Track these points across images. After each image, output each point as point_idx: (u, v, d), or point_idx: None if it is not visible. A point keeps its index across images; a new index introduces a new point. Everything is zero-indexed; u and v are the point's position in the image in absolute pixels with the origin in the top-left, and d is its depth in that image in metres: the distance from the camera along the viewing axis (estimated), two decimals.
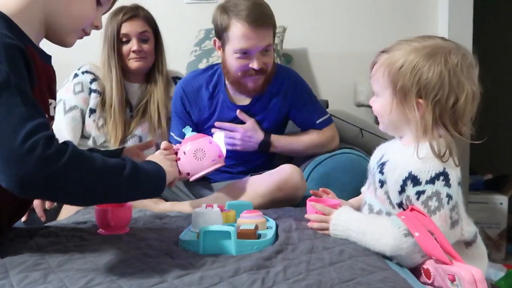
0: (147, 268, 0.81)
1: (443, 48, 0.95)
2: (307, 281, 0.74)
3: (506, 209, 2.27)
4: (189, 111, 1.65)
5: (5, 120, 0.72)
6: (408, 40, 0.99)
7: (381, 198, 1.01)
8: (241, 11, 1.46)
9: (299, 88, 1.68)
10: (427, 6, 2.35)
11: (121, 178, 0.81)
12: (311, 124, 1.67)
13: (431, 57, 0.94)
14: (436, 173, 0.91)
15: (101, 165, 0.78)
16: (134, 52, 1.71)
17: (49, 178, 0.71)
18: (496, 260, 2.15)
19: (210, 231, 0.92)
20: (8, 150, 0.70)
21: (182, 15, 2.38)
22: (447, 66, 0.93)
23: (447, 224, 0.90)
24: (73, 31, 0.98)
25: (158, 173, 0.93)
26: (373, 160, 1.09)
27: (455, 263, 0.85)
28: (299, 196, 1.44)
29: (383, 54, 1.00)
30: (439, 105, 0.93)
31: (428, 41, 0.97)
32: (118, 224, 1.08)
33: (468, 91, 0.93)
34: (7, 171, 0.71)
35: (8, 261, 0.84)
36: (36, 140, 0.71)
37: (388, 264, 0.88)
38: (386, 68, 0.98)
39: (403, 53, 0.96)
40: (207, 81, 1.66)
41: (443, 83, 0.93)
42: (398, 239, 0.89)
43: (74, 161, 0.74)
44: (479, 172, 2.55)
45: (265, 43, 1.50)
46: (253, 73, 1.53)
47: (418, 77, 0.94)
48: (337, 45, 2.34)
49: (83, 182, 0.75)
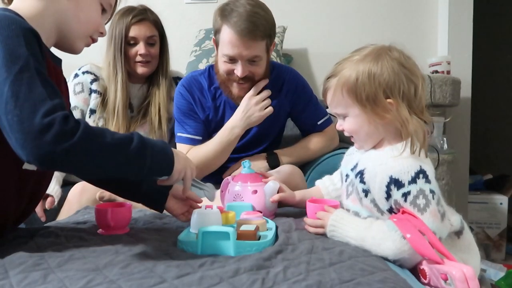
0: (147, 268, 0.81)
1: (381, 49, 1.00)
2: (307, 282, 0.74)
3: (506, 209, 2.28)
4: (195, 110, 1.64)
5: (26, 99, 0.77)
6: (346, 58, 1.02)
7: (368, 207, 1.01)
8: (233, 17, 1.43)
9: (300, 88, 1.68)
10: (427, 6, 2.35)
11: (130, 150, 0.85)
12: (313, 125, 1.67)
13: (377, 60, 0.98)
14: (415, 172, 0.93)
15: (111, 138, 0.83)
16: (141, 56, 1.71)
17: (66, 152, 0.76)
18: (496, 260, 2.15)
19: (209, 232, 0.92)
20: (28, 126, 0.75)
21: (182, 15, 2.38)
22: (394, 61, 0.98)
23: (438, 218, 0.92)
24: (82, 37, 1.02)
25: (164, 150, 0.93)
26: (346, 167, 1.11)
27: (447, 262, 0.86)
28: None
29: (331, 79, 1.03)
30: (406, 97, 0.97)
31: (365, 50, 1.01)
32: (118, 224, 1.08)
33: (421, 76, 0.99)
34: (27, 146, 0.75)
35: (8, 261, 0.84)
36: (54, 118, 0.76)
37: (388, 264, 0.88)
38: (343, 88, 1.00)
39: (350, 68, 0.99)
40: (209, 82, 1.65)
41: (399, 76, 0.97)
42: (398, 241, 0.89)
43: (87, 135, 0.79)
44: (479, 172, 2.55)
45: (251, 53, 1.47)
46: (237, 80, 1.53)
47: (377, 80, 0.97)
48: (337, 45, 2.34)
49: (96, 155, 0.81)
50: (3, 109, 0.77)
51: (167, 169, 0.94)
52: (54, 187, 1.52)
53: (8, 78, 0.78)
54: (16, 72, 0.79)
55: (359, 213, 1.04)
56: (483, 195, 2.32)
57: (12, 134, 0.77)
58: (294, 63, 2.31)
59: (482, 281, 1.69)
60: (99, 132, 0.82)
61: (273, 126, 1.68)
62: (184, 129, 1.63)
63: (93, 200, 1.40)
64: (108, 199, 1.37)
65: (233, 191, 1.24)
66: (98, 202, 1.36)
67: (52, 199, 1.48)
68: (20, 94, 0.77)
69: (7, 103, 0.77)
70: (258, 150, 1.68)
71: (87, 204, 1.40)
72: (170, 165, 0.94)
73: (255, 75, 1.54)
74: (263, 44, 1.48)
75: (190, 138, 1.61)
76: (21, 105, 0.76)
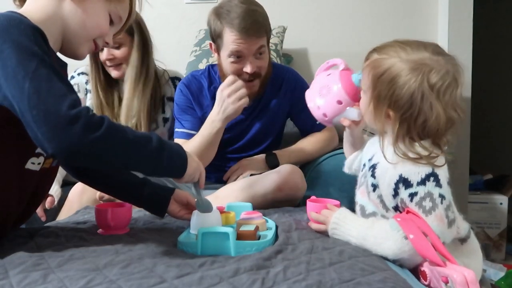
0: (147, 268, 0.81)
1: (426, 65, 0.93)
2: (307, 282, 0.74)
3: (506, 209, 2.27)
4: (193, 106, 1.65)
5: (49, 94, 0.79)
6: (400, 44, 0.97)
7: (375, 202, 1.01)
8: (234, 19, 1.46)
9: (299, 88, 1.68)
10: (427, 6, 2.35)
11: (150, 148, 0.88)
12: (312, 126, 1.67)
13: (410, 73, 0.92)
14: (426, 174, 0.92)
15: (132, 134, 0.86)
16: (107, 60, 1.70)
17: (93, 143, 0.79)
18: (496, 260, 2.15)
19: (209, 233, 0.92)
20: (56, 119, 0.77)
21: (182, 15, 2.38)
22: (421, 88, 0.92)
23: (443, 223, 0.91)
24: (86, 41, 1.02)
25: (179, 152, 0.96)
26: (365, 156, 1.09)
27: (449, 265, 0.85)
28: (299, 196, 1.44)
29: (373, 53, 1.00)
30: (407, 122, 0.94)
31: (416, 54, 0.94)
32: (118, 224, 1.08)
33: (439, 114, 0.92)
34: (56, 138, 0.77)
35: (8, 261, 0.84)
36: (80, 110, 0.79)
37: (388, 264, 0.88)
38: (371, 71, 0.98)
39: (388, 61, 0.96)
40: (208, 82, 1.67)
41: (413, 104, 0.92)
42: (399, 241, 0.89)
43: (112, 129, 0.82)
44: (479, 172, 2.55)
45: (257, 46, 1.51)
46: (247, 77, 1.54)
47: (392, 91, 0.94)
48: (337, 45, 2.34)
49: (119, 148, 0.84)
50: (26, 105, 0.78)
51: (180, 171, 0.96)
52: (54, 187, 1.52)
53: (28, 75, 0.79)
54: (34, 69, 0.80)
55: (365, 207, 1.05)
56: (483, 195, 2.32)
57: (38, 129, 0.78)
58: (294, 63, 2.31)
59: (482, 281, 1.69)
60: (122, 128, 0.86)
61: (272, 125, 1.68)
62: (182, 125, 1.65)
63: (94, 199, 1.40)
64: (108, 199, 1.37)
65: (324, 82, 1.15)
66: (98, 202, 1.36)
67: (52, 198, 1.48)
68: (42, 89, 0.79)
69: (30, 99, 0.78)
70: (259, 150, 1.68)
71: (87, 204, 1.40)
72: (183, 168, 0.96)
73: (261, 69, 1.56)
74: (265, 38, 1.54)
75: (186, 132, 1.62)
76: (45, 100, 0.78)
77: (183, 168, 0.96)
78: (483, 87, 2.80)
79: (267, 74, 1.61)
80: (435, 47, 0.96)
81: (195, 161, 1.00)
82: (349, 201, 1.33)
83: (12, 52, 0.81)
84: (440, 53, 0.95)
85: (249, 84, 1.55)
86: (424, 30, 2.34)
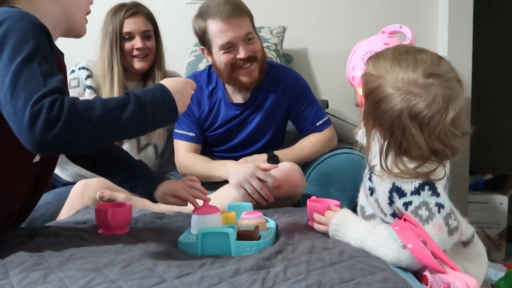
0: (147, 268, 0.81)
1: (411, 94, 0.87)
2: (307, 282, 0.74)
3: (506, 209, 2.27)
4: (191, 107, 1.66)
5: (23, 90, 0.79)
6: (395, 57, 0.91)
7: (373, 205, 1.01)
8: (212, 9, 1.52)
9: (299, 89, 1.68)
10: (427, 7, 2.35)
11: (129, 113, 0.84)
12: (312, 127, 1.67)
13: (393, 100, 0.88)
14: (420, 184, 0.89)
15: (101, 109, 0.81)
16: (138, 50, 1.70)
17: (57, 137, 0.77)
18: (496, 260, 2.15)
19: (209, 233, 0.92)
20: (21, 118, 0.77)
21: (182, 15, 2.37)
22: (401, 117, 0.87)
23: (443, 232, 0.88)
24: (82, 18, 1.07)
25: (163, 96, 0.91)
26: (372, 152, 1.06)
27: (451, 272, 0.84)
28: (298, 193, 1.45)
29: (370, 61, 0.96)
30: (393, 143, 0.91)
31: (406, 74, 0.88)
32: (118, 224, 1.08)
33: (420, 146, 0.88)
34: (23, 136, 0.78)
35: (8, 261, 0.84)
36: (42, 105, 0.77)
37: (388, 264, 0.88)
38: (363, 84, 0.95)
39: (377, 80, 0.91)
40: (206, 80, 1.69)
41: (394, 132, 0.89)
42: (397, 251, 0.87)
43: (73, 115, 0.78)
44: (479, 172, 2.55)
45: (244, 31, 1.54)
46: (243, 64, 1.56)
47: (376, 113, 0.91)
48: (337, 45, 2.34)
49: (88, 130, 0.80)
50: (3, 100, 0.80)
51: (172, 115, 0.93)
52: None
53: (10, 69, 0.80)
54: (17, 63, 0.80)
55: (365, 208, 1.04)
56: (483, 195, 2.31)
57: (10, 125, 0.80)
58: (294, 63, 2.31)
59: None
60: (87, 107, 0.81)
61: (269, 123, 1.68)
62: (180, 126, 1.67)
63: (95, 198, 1.40)
64: (108, 199, 1.37)
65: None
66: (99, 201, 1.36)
67: None
68: (18, 84, 0.79)
69: (5, 94, 0.79)
70: (255, 148, 1.68)
71: (89, 202, 1.40)
72: (174, 111, 0.92)
73: (256, 52, 1.58)
74: (248, 21, 1.57)
75: (184, 134, 1.66)
76: (17, 96, 0.78)
77: (174, 112, 0.92)
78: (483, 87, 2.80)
79: (263, 57, 1.63)
80: (429, 65, 0.89)
81: (179, 91, 0.95)
82: (349, 201, 1.33)
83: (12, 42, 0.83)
84: (431, 74, 0.88)
85: (247, 69, 1.57)
86: (424, 31, 2.34)
